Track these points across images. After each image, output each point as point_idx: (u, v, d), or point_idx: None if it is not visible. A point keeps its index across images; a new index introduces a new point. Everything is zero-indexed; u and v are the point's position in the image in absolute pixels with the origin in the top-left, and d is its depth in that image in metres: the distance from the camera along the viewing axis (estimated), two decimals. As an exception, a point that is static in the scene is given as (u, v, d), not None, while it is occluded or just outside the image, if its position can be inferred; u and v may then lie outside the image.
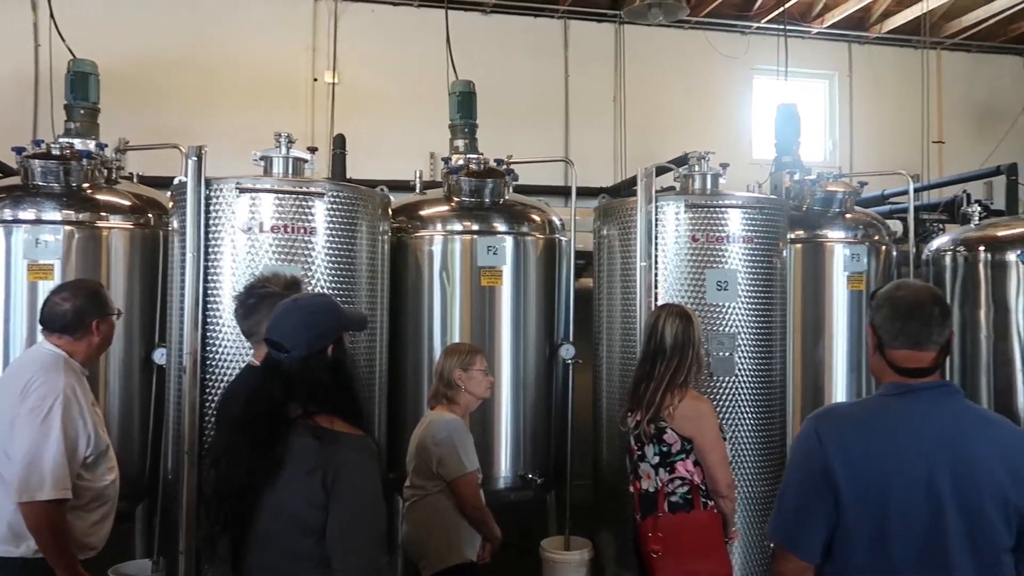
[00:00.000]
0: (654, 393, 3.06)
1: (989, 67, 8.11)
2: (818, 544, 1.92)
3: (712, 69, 7.40)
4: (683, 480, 3.01)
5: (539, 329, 4.85)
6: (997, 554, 1.83)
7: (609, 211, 4.71)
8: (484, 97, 5.49)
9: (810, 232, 5.15)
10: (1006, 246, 5.06)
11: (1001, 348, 5.02)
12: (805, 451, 1.97)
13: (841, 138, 7.78)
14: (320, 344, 2.09)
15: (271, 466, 2.01)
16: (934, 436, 1.87)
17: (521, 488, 4.77)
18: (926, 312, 1.93)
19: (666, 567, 2.94)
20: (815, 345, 5.08)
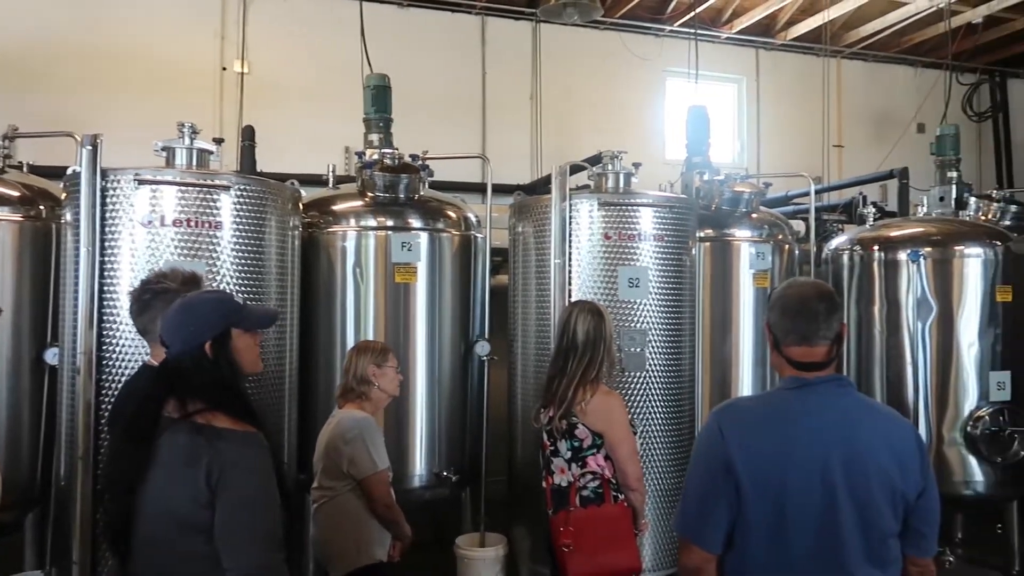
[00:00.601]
0: (566, 389, 3.09)
1: (885, 76, 8.55)
2: (720, 535, 1.98)
3: (627, 70, 7.53)
4: (594, 474, 3.05)
5: (455, 326, 4.83)
6: (885, 539, 1.92)
7: (524, 208, 4.73)
8: (400, 92, 5.43)
9: (718, 231, 5.31)
10: (897, 246, 5.34)
11: (893, 342, 5.30)
12: (707, 445, 2.02)
13: (749, 140, 8.05)
14: (197, 340, 2.05)
15: (143, 465, 1.97)
16: (827, 428, 1.95)
17: (436, 486, 4.74)
18: (812, 309, 2.01)
19: (577, 561, 2.97)
20: (723, 340, 5.24)
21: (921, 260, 5.21)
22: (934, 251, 5.24)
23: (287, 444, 4.11)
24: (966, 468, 5.13)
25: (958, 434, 5.08)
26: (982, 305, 5.14)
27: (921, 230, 5.47)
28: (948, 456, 5.14)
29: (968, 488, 5.17)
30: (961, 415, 5.09)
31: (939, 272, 5.21)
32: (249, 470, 1.97)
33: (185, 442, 1.96)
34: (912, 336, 5.23)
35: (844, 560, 1.89)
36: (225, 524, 1.92)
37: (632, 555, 3.00)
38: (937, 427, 5.14)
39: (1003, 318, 5.14)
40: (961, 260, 5.19)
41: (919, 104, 8.31)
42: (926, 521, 1.99)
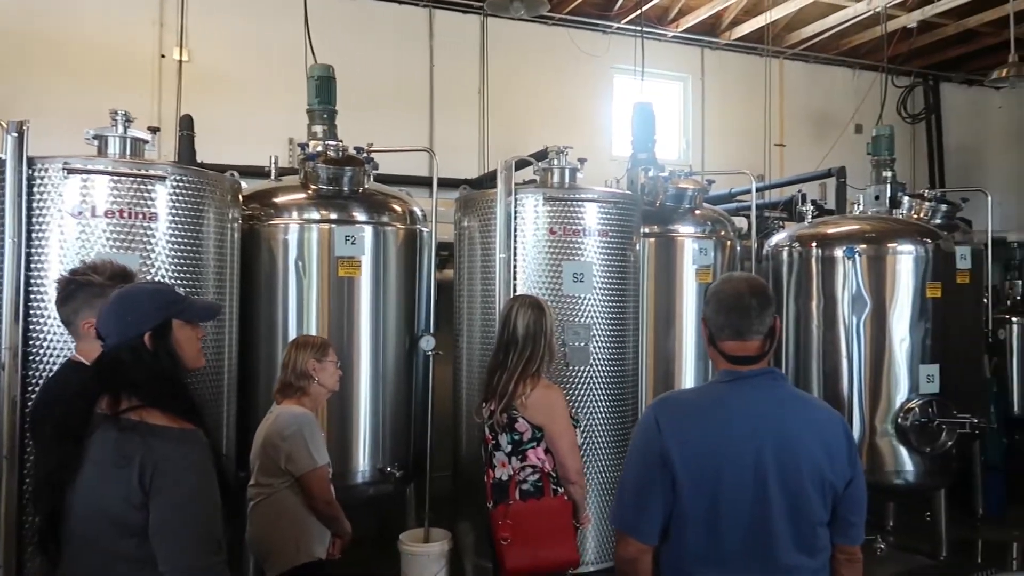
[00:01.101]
0: (507, 383, 3.10)
1: (825, 77, 8.76)
2: (656, 527, 2.01)
3: (575, 66, 7.56)
4: (534, 468, 3.06)
5: (399, 320, 4.79)
6: (814, 528, 1.98)
7: (470, 203, 4.72)
8: (346, 84, 5.34)
9: (663, 227, 5.38)
10: (834, 243, 5.49)
11: (829, 337, 5.44)
12: (644, 438, 2.05)
13: (694, 138, 8.17)
14: (135, 331, 1.98)
15: (73, 464, 1.90)
16: (760, 420, 2.00)
17: (380, 482, 4.71)
18: (744, 305, 2.04)
19: (514, 554, 2.99)
20: (667, 335, 5.32)
21: (856, 257, 5.37)
22: (869, 248, 5.40)
23: (226, 440, 4.02)
24: (897, 458, 5.31)
25: (890, 425, 5.25)
26: (913, 301, 5.32)
27: (857, 228, 5.63)
28: (880, 447, 5.31)
29: (899, 478, 5.34)
30: (893, 407, 5.26)
31: (873, 269, 5.37)
32: (185, 468, 1.91)
33: (117, 440, 1.89)
34: (847, 331, 5.38)
35: (775, 548, 1.94)
36: (160, 525, 1.85)
37: (570, 548, 3.02)
38: (870, 419, 5.30)
39: (932, 313, 5.32)
40: (894, 257, 5.36)
41: (857, 105, 8.54)
42: (853, 510, 2.04)
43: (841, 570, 2.06)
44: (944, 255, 5.47)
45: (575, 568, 3.09)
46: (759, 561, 1.94)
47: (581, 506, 3.18)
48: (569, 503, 3.09)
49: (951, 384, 5.33)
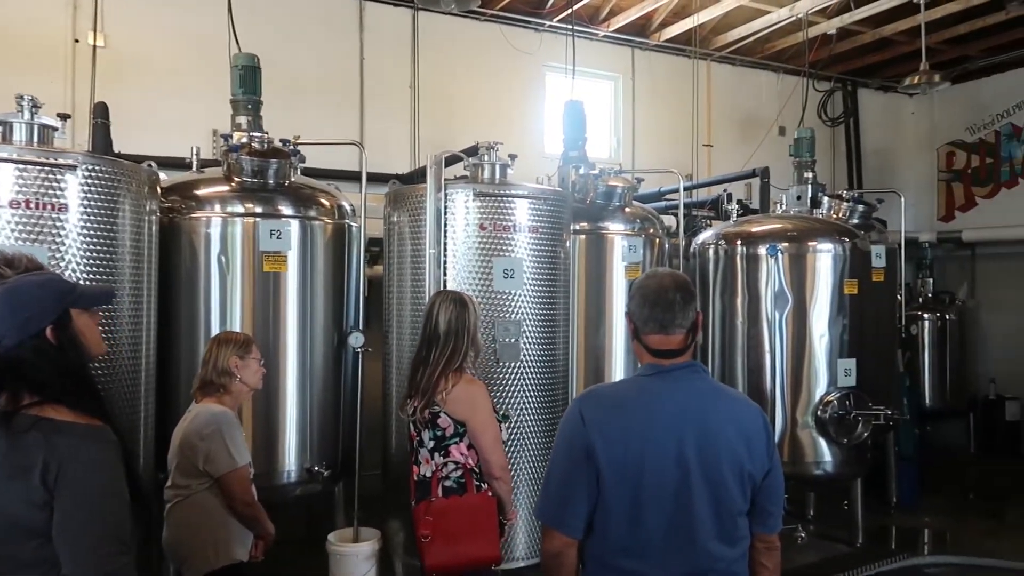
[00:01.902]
0: (429, 378, 3.07)
1: (750, 80, 8.99)
2: (580, 520, 2.01)
3: (507, 63, 7.55)
4: (456, 464, 3.04)
5: (327, 317, 4.71)
6: (734, 518, 2.02)
7: (399, 197, 4.66)
8: (274, 75, 5.21)
9: (593, 224, 5.43)
10: (758, 241, 5.64)
11: (753, 333, 5.59)
12: (569, 431, 2.05)
13: (624, 137, 8.26)
14: (35, 326, 1.87)
15: None
16: (682, 412, 2.02)
17: (308, 481, 4.61)
18: (669, 299, 2.07)
19: (434, 551, 2.96)
20: (597, 330, 5.37)
21: (779, 255, 5.53)
22: (791, 247, 5.58)
23: (143, 441, 3.86)
24: (817, 450, 5.49)
25: (810, 418, 5.43)
26: (832, 297, 5.51)
27: (779, 227, 5.80)
28: (801, 439, 5.48)
29: (819, 468, 5.53)
30: (813, 400, 5.44)
31: (795, 266, 5.54)
32: (91, 466, 1.81)
33: (18, 438, 1.79)
34: (770, 326, 5.54)
35: (697, 538, 1.97)
36: (64, 525, 1.76)
37: (492, 544, 2.99)
38: (792, 411, 5.47)
39: (850, 310, 5.53)
40: (814, 255, 5.54)
41: (780, 108, 8.80)
42: (772, 500, 2.09)
43: (760, 558, 2.10)
44: (861, 254, 5.68)
45: (497, 564, 3.04)
46: (681, 551, 1.97)
47: (507, 502, 3.17)
48: (493, 499, 3.06)
49: (867, 377, 5.54)
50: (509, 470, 3.22)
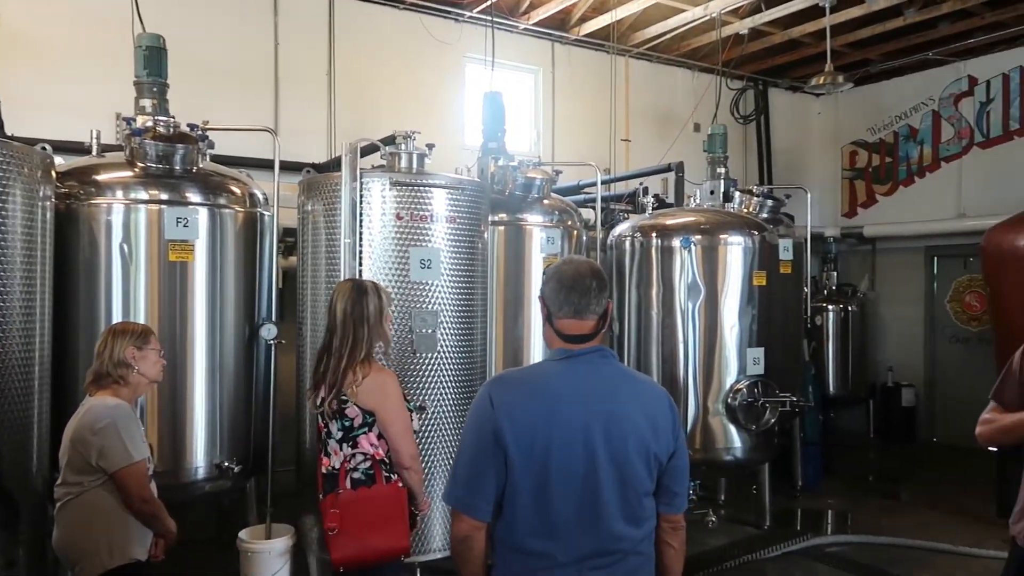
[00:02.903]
0: (335, 369, 3.03)
1: (667, 77, 9.17)
2: (488, 504, 2.02)
3: (427, 53, 7.48)
4: (365, 455, 3.00)
5: (238, 308, 4.59)
6: (640, 498, 2.05)
7: (314, 186, 4.56)
8: (182, 57, 5.02)
9: (512, 215, 5.45)
10: (672, 233, 5.77)
11: (668, 323, 5.73)
12: (478, 416, 2.05)
13: (544, 130, 8.30)
14: None
15: None
16: (589, 395, 2.05)
17: (218, 477, 4.49)
18: (585, 285, 2.10)
19: (341, 544, 2.91)
20: (515, 321, 5.39)
21: (692, 247, 5.67)
22: (703, 239, 5.73)
23: (36, 438, 3.66)
24: (727, 436, 5.67)
25: (721, 405, 5.60)
26: (742, 289, 5.69)
27: (693, 220, 5.95)
28: (712, 426, 5.65)
29: (729, 454, 5.71)
30: (724, 388, 5.62)
31: (707, 258, 5.70)
32: None
33: None
34: (684, 316, 5.68)
35: (604, 519, 2.00)
36: None
37: (400, 536, 2.95)
38: (704, 399, 5.63)
39: (759, 301, 5.73)
40: (725, 248, 5.71)
41: (695, 105, 9.01)
42: (677, 480, 2.14)
43: (666, 538, 2.15)
44: (769, 247, 5.89)
45: (406, 556, 3.00)
46: (588, 531, 1.99)
47: (418, 492, 3.12)
48: (403, 490, 3.02)
49: (774, 366, 5.76)
50: (420, 460, 3.18)
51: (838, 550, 5.69)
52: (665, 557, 2.15)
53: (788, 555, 5.56)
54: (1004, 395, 2.83)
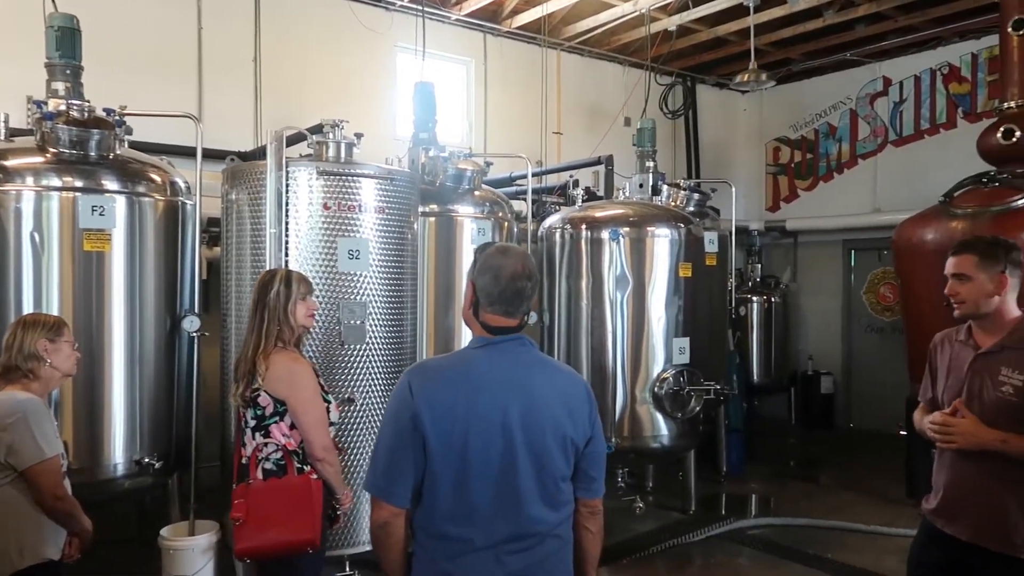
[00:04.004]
0: (245, 357, 3.03)
1: (598, 71, 9.28)
2: (407, 490, 2.03)
3: (358, 42, 7.38)
4: (277, 445, 2.96)
5: (159, 299, 4.46)
6: (557, 483, 2.09)
7: (238, 175, 4.46)
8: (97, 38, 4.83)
9: (442, 206, 5.45)
10: (601, 225, 5.86)
11: (597, 313, 5.82)
12: (398, 403, 2.06)
13: (477, 122, 8.30)
14: None
15: None
16: (508, 382, 2.08)
17: (138, 474, 4.37)
18: (519, 287, 2.11)
19: (244, 535, 2.86)
20: (446, 312, 5.40)
21: (620, 239, 5.77)
22: (632, 231, 5.84)
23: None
24: (655, 424, 5.80)
25: (648, 394, 5.72)
26: (669, 280, 5.82)
27: (621, 212, 6.05)
28: (640, 414, 5.77)
29: (656, 441, 5.85)
30: (651, 377, 5.74)
31: (635, 250, 5.81)
32: None
33: None
34: (612, 307, 5.78)
35: (521, 503, 2.03)
36: None
37: (308, 528, 2.86)
38: (632, 388, 5.75)
39: (684, 292, 5.87)
40: (652, 240, 5.83)
41: (626, 99, 9.14)
42: (594, 466, 2.18)
43: (584, 522, 2.19)
44: (695, 239, 6.04)
45: (315, 549, 2.93)
46: (506, 516, 2.02)
47: (335, 485, 3.07)
48: (317, 482, 2.96)
49: (700, 355, 5.91)
50: (336, 451, 3.13)
51: (760, 532, 5.90)
52: (583, 541, 2.19)
53: (712, 538, 5.73)
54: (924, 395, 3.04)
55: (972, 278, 2.77)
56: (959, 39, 8.58)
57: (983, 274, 2.76)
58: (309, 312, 3.18)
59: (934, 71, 8.92)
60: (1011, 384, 2.65)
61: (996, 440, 2.61)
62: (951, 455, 2.82)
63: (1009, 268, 2.77)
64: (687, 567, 5.30)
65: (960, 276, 2.80)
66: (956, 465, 2.80)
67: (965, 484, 2.76)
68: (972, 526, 2.72)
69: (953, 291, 2.82)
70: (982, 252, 2.79)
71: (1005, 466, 2.65)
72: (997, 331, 2.78)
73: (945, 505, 2.83)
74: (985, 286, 2.75)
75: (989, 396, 2.70)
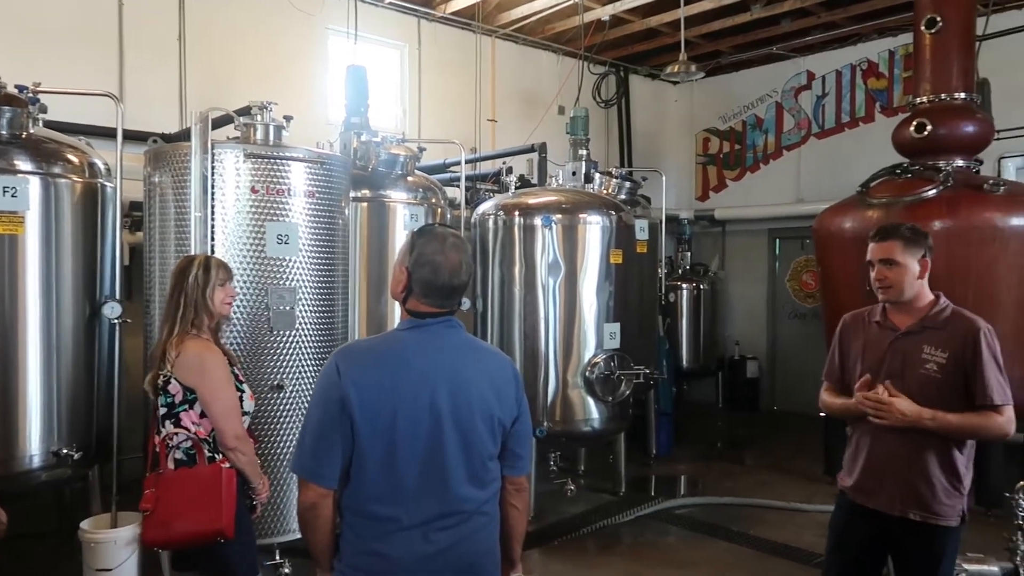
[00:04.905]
0: (163, 343, 3.00)
1: (532, 59, 9.31)
2: (335, 471, 2.03)
3: (288, 23, 7.22)
4: (187, 434, 2.93)
5: (78, 285, 4.31)
6: (484, 462, 2.12)
7: (161, 156, 4.33)
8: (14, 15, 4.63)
9: (375, 192, 5.41)
10: (534, 212, 5.90)
11: (530, 299, 5.87)
12: (325, 385, 2.06)
13: (411, 107, 8.23)
14: None
15: None
16: (435, 363, 2.09)
17: (55, 466, 4.23)
18: (456, 283, 2.12)
19: (153, 525, 2.85)
20: (379, 299, 5.37)
21: (553, 226, 5.83)
22: (564, 218, 5.90)
23: None
24: (586, 408, 5.90)
25: (579, 379, 5.81)
26: (600, 266, 5.91)
27: (554, 199, 6.10)
28: (572, 398, 5.86)
29: (587, 425, 5.95)
30: (582, 362, 5.83)
31: (567, 237, 5.87)
32: None
33: None
34: (545, 293, 5.84)
35: (448, 482, 2.05)
36: None
37: (217, 517, 2.82)
38: (564, 373, 5.83)
39: (615, 278, 5.97)
40: (584, 227, 5.90)
41: (559, 88, 9.22)
42: (520, 444, 2.23)
43: (510, 499, 2.24)
44: (626, 227, 6.14)
45: (225, 539, 2.86)
46: (433, 495, 2.05)
47: (251, 475, 3.04)
48: (229, 471, 2.91)
49: (630, 341, 6.03)
50: (250, 441, 3.09)
51: (686, 511, 6.08)
52: (510, 517, 2.24)
53: (641, 518, 5.88)
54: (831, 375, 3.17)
55: (900, 263, 2.90)
56: (878, 36, 8.93)
57: (909, 259, 2.91)
58: (227, 299, 3.16)
59: (854, 66, 9.26)
60: (935, 362, 2.81)
61: (928, 417, 2.73)
62: (868, 432, 2.95)
63: (928, 253, 2.93)
64: (616, 546, 5.42)
65: (889, 261, 2.92)
66: (875, 441, 2.94)
67: (886, 459, 2.90)
68: (895, 499, 2.88)
69: (882, 275, 2.93)
70: (907, 238, 2.93)
71: (924, 439, 2.81)
72: (914, 312, 2.94)
73: (865, 481, 2.97)
74: (911, 270, 2.90)
75: (912, 374, 2.84)
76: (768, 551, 5.20)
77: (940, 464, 2.84)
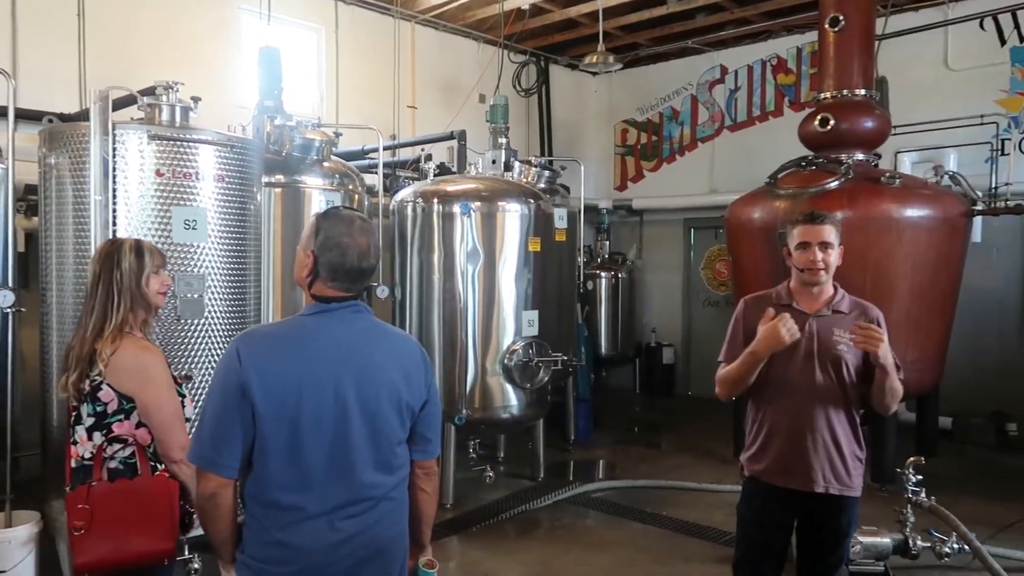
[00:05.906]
0: (82, 342, 2.64)
1: (453, 46, 9.25)
2: (235, 460, 1.97)
3: (197, 1, 6.96)
4: (125, 441, 2.60)
5: (-34, 273, 4.05)
6: (392, 447, 2.11)
7: (57, 137, 4.11)
8: None
9: (289, 177, 5.30)
10: (453, 200, 5.89)
11: (449, 286, 5.86)
12: (225, 371, 1.99)
13: (328, 92, 8.06)
14: None
15: None
16: (341, 348, 2.06)
17: (-59, 465, 3.97)
18: (364, 266, 2.09)
19: (88, 546, 2.49)
20: (293, 286, 5.22)
21: (472, 213, 5.82)
22: (483, 206, 5.90)
23: None
24: (505, 395, 5.94)
25: (498, 366, 5.84)
26: (519, 254, 5.95)
27: (473, 187, 6.10)
28: (491, 385, 5.89)
29: (506, 412, 5.99)
30: (501, 349, 5.86)
31: (486, 224, 5.88)
32: None
33: None
34: (464, 281, 5.84)
35: (355, 469, 2.02)
36: None
37: (163, 536, 2.55)
38: (482, 360, 5.85)
39: (534, 266, 6.02)
40: (503, 214, 5.93)
41: (480, 76, 9.19)
42: (429, 428, 2.22)
43: (420, 483, 2.23)
44: (544, 215, 6.19)
45: (171, 559, 2.60)
46: (340, 482, 2.01)
47: (191, 488, 2.48)
48: (173, 483, 2.60)
49: (549, 328, 6.10)
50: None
51: (604, 495, 6.20)
52: (420, 502, 2.23)
53: (560, 503, 5.97)
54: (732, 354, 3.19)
55: (834, 246, 3.03)
56: (787, 33, 9.26)
57: (838, 243, 3.05)
58: (162, 288, 2.78)
59: (765, 62, 9.58)
60: (844, 343, 2.99)
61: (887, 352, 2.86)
62: (778, 411, 3.07)
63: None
64: (535, 531, 5.49)
65: (827, 244, 3.02)
66: (785, 420, 3.05)
67: (801, 437, 3.01)
68: (818, 475, 2.99)
69: (818, 257, 3.00)
70: (835, 223, 3.08)
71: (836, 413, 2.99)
72: (820, 298, 3.07)
73: (781, 462, 3.06)
74: (839, 254, 3.05)
75: (827, 354, 3.00)
76: (680, 530, 5.37)
77: (852, 436, 3.03)
